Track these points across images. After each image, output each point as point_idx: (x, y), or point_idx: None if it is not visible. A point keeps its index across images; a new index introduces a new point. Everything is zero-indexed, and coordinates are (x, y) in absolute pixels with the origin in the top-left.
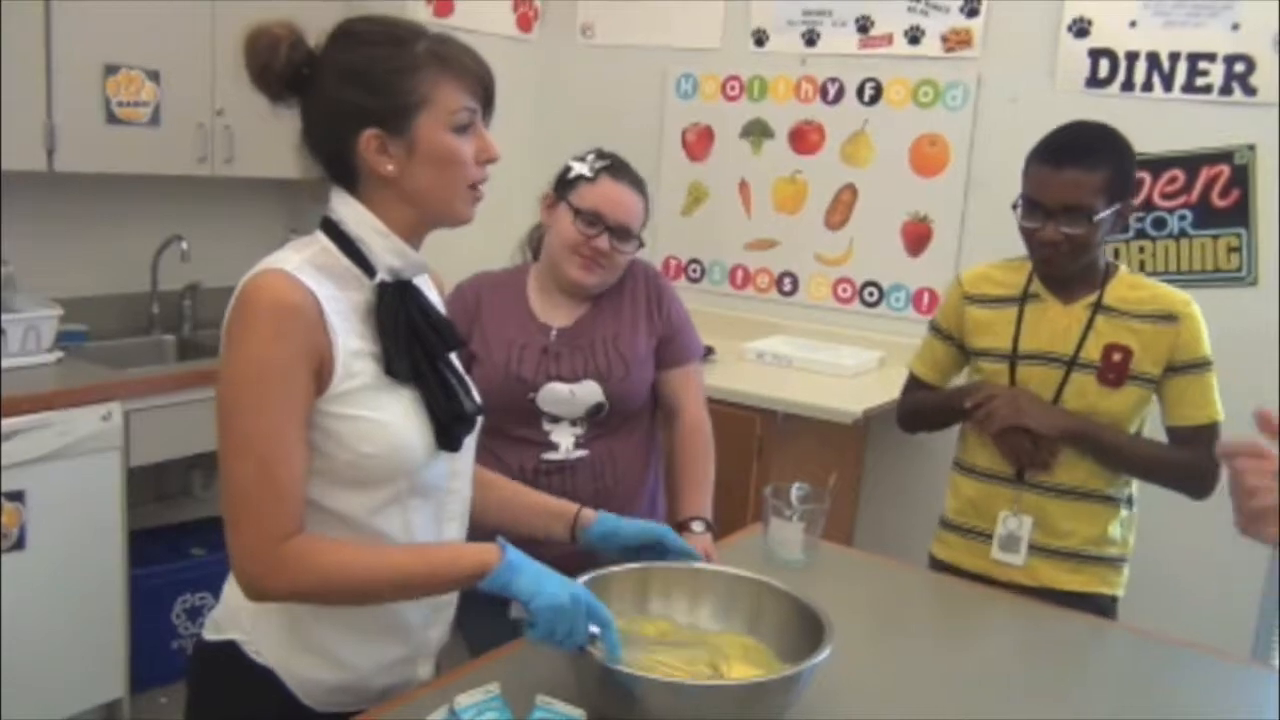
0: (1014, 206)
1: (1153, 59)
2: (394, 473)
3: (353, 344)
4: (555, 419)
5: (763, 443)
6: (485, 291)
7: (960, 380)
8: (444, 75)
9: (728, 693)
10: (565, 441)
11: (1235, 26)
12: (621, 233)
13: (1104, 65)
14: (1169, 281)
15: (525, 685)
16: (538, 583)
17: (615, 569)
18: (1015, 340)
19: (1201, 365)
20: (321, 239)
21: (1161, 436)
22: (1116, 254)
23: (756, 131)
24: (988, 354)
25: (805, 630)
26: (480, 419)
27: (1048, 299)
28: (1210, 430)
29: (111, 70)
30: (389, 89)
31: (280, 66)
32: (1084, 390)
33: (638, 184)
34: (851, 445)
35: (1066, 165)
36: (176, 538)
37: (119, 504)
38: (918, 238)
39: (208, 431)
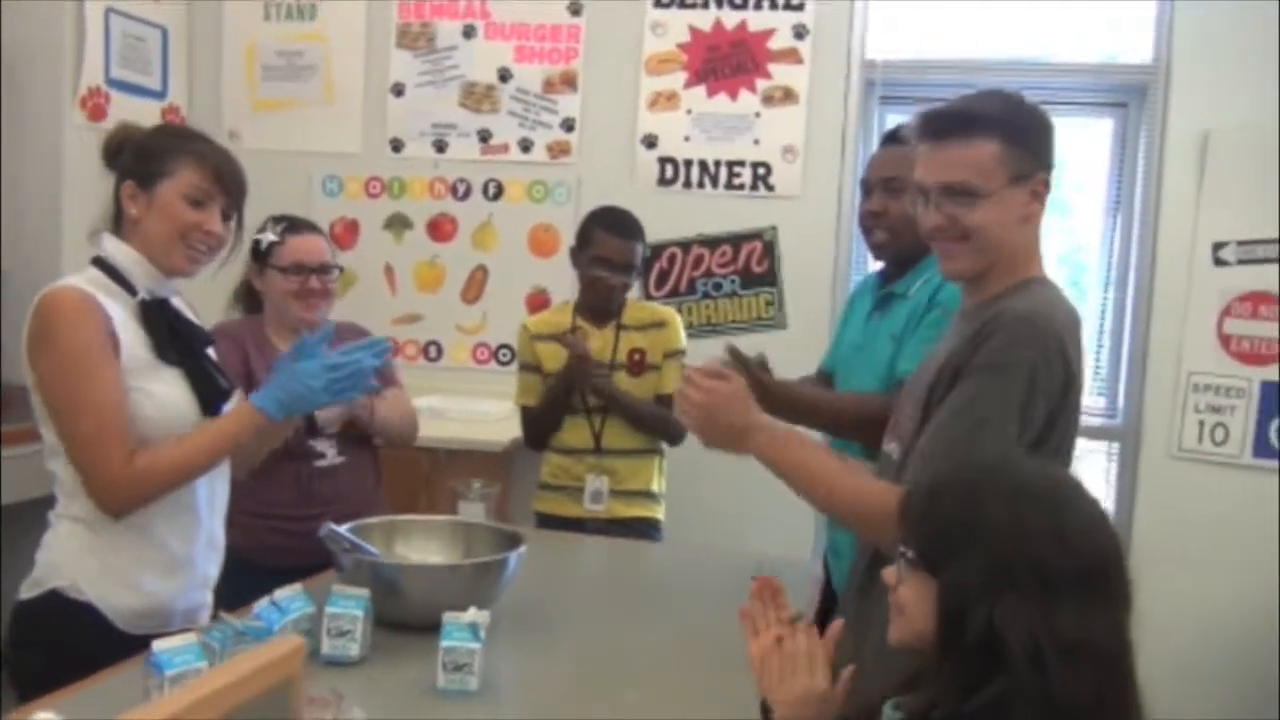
0: (583, 262)
1: (703, 165)
2: (169, 432)
3: (130, 336)
4: (315, 434)
5: (429, 478)
6: (246, 333)
7: None
8: (194, 164)
9: (461, 570)
10: (330, 452)
11: (757, 141)
12: (322, 269)
13: (669, 169)
14: (725, 331)
15: (324, 592)
16: (292, 382)
17: (371, 520)
18: None
19: (679, 354)
20: (92, 270)
21: None
22: (688, 309)
23: (397, 224)
24: (555, 372)
25: (504, 549)
26: (236, 393)
27: (588, 328)
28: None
29: None
30: (152, 159)
31: (110, 144)
32: (619, 381)
33: (312, 228)
34: (501, 471)
35: (625, 236)
36: None
37: None
38: (539, 306)
39: None
